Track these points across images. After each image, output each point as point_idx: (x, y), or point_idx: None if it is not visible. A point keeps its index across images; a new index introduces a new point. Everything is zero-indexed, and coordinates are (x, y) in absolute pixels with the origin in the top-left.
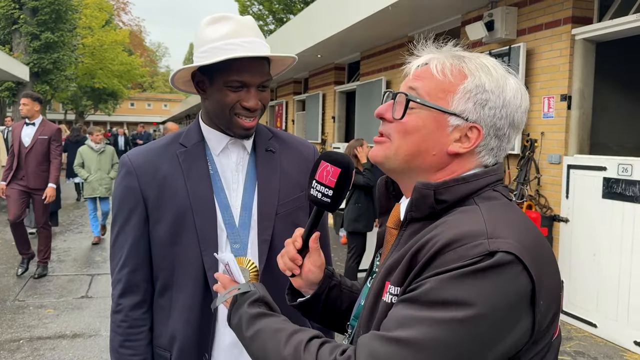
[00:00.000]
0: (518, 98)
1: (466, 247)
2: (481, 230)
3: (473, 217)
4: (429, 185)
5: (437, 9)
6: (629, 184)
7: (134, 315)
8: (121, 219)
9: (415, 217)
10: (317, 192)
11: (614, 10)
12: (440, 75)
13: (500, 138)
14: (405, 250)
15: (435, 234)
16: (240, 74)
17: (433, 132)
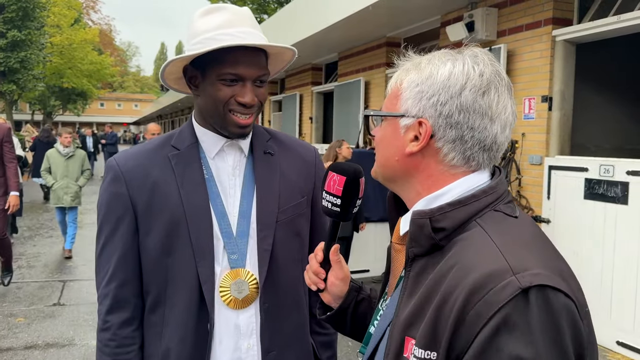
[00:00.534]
0: (456, 79)
1: (494, 291)
2: (503, 267)
3: (486, 249)
4: (422, 214)
5: (417, 10)
6: (610, 184)
7: (122, 333)
8: (108, 228)
9: (418, 253)
10: (327, 203)
11: (594, 12)
12: (392, 87)
13: (457, 127)
14: (422, 300)
15: (454, 284)
16: (234, 67)
17: (391, 138)
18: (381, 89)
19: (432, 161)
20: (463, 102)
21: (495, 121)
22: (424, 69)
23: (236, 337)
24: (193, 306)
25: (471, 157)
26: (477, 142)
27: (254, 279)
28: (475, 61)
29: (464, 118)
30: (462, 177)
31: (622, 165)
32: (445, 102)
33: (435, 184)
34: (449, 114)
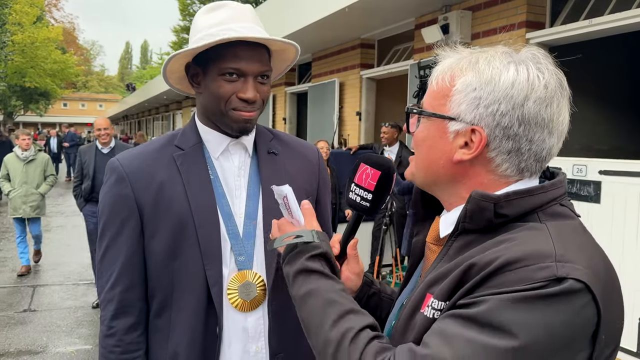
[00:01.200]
0: (520, 88)
1: (530, 268)
2: (549, 252)
3: (540, 236)
4: (488, 198)
5: (391, 12)
6: (583, 184)
7: (128, 339)
8: (111, 231)
9: (469, 228)
10: (356, 196)
11: (565, 15)
12: (439, 83)
13: (515, 138)
14: (455, 264)
15: (497, 251)
16: (236, 61)
17: (437, 141)
18: (356, 89)
19: (482, 170)
20: (525, 114)
21: (553, 133)
22: (483, 71)
23: (245, 340)
24: (201, 309)
25: (525, 168)
26: (533, 154)
27: (262, 280)
28: (539, 68)
29: (523, 130)
30: (513, 184)
31: (594, 165)
32: (506, 112)
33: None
34: (509, 126)
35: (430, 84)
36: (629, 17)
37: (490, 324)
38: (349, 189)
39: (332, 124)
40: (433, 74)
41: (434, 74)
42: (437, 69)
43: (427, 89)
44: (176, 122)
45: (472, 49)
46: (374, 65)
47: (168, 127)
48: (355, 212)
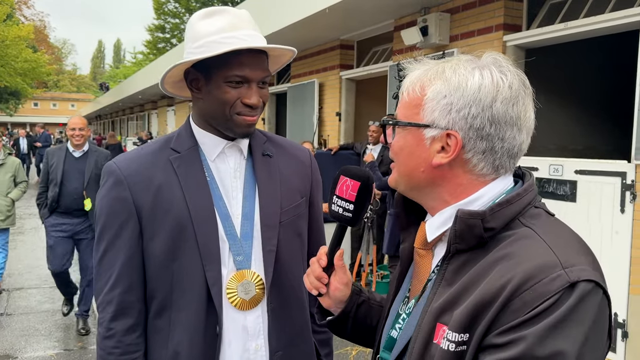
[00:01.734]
0: (487, 91)
1: (544, 282)
2: (554, 261)
3: (535, 244)
4: (475, 214)
5: (371, 14)
6: (559, 183)
7: (127, 340)
8: (110, 234)
9: (461, 248)
10: (338, 207)
11: (541, 18)
12: (410, 94)
13: (488, 138)
14: (460, 289)
15: (501, 274)
16: (241, 69)
17: (415, 149)
18: (335, 90)
19: (460, 171)
20: (495, 114)
21: (522, 130)
22: (450, 78)
23: (244, 339)
24: (201, 309)
25: (500, 165)
26: (506, 151)
27: (260, 279)
28: (501, 71)
29: (495, 130)
30: (491, 182)
31: (570, 165)
32: (477, 114)
33: (464, 191)
34: (481, 127)
35: (401, 95)
36: (603, 20)
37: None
38: (331, 201)
39: (312, 124)
40: (403, 86)
41: (403, 86)
42: (406, 81)
43: (399, 101)
44: (151, 122)
45: (436, 59)
46: (353, 66)
47: (143, 127)
48: (338, 223)
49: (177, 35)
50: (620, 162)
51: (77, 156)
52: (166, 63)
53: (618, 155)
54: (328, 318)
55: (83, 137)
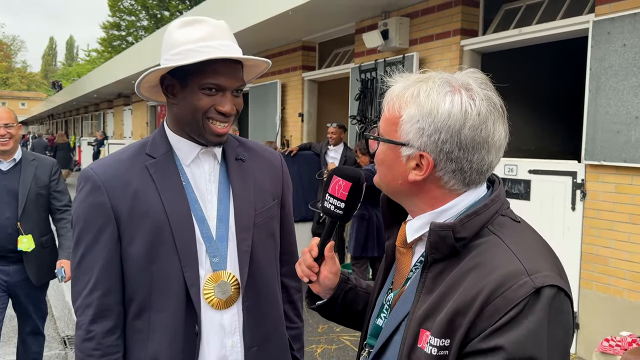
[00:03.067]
0: (456, 119)
1: (512, 289)
2: (519, 269)
3: (503, 253)
4: (445, 227)
5: (332, 16)
6: (514, 182)
7: (107, 342)
8: (88, 238)
9: (437, 258)
10: (330, 205)
11: (496, 24)
12: (389, 111)
13: (457, 160)
14: (439, 297)
15: (474, 283)
16: (216, 77)
17: (393, 163)
18: (298, 91)
19: (433, 187)
20: (462, 140)
21: (490, 150)
22: (423, 104)
23: (221, 336)
24: (180, 309)
25: (470, 181)
26: (475, 170)
27: (235, 279)
28: (471, 96)
29: (463, 154)
30: (463, 194)
31: (524, 165)
32: (446, 140)
33: (438, 202)
34: (450, 150)
35: (383, 109)
36: (555, 27)
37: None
38: (324, 198)
39: (275, 125)
40: (385, 99)
41: (385, 100)
42: (387, 95)
43: (382, 113)
44: (107, 121)
45: (418, 74)
46: (315, 67)
47: (99, 126)
48: (329, 219)
49: (133, 33)
50: (571, 162)
51: (4, 169)
52: (124, 62)
53: (567, 155)
54: (317, 303)
55: (12, 138)
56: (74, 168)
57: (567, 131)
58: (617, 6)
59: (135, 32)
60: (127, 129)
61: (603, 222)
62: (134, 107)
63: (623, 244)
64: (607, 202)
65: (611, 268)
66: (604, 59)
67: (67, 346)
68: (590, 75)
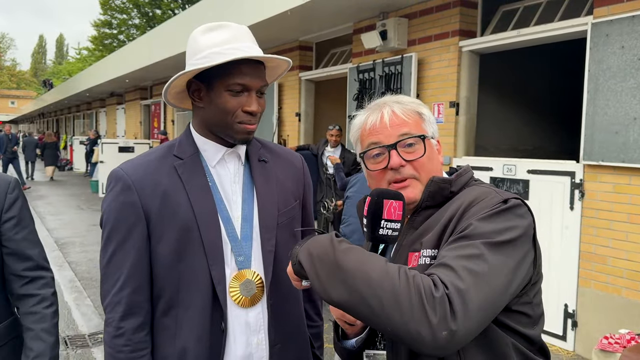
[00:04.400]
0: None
1: (485, 200)
2: (491, 190)
3: (478, 187)
4: (446, 180)
5: (331, 16)
6: (513, 182)
7: (136, 338)
8: (118, 236)
9: (429, 205)
10: (387, 230)
11: (494, 25)
12: (412, 116)
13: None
14: (424, 228)
15: (457, 204)
16: (241, 77)
17: (435, 154)
18: (294, 91)
19: None
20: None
21: None
22: (424, 107)
23: (247, 334)
24: (207, 307)
25: None
26: None
27: (260, 278)
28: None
29: None
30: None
31: (523, 165)
32: (436, 129)
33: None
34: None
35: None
36: (553, 29)
37: (485, 233)
38: (379, 226)
39: (272, 124)
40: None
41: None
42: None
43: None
44: (100, 120)
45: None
46: (312, 67)
47: (91, 125)
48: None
49: (125, 31)
50: (570, 162)
51: None
52: (118, 61)
53: (564, 156)
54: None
55: None
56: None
57: (564, 132)
58: (616, 8)
59: (126, 30)
60: (120, 128)
61: (601, 221)
62: (127, 106)
63: (621, 243)
64: (606, 201)
65: (609, 267)
66: (602, 60)
67: (68, 346)
68: (589, 77)
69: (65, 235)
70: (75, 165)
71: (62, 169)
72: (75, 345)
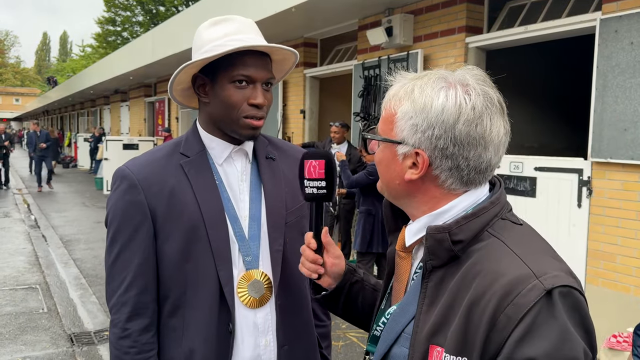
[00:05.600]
0: (449, 113)
1: (522, 295)
2: (527, 272)
3: (507, 257)
4: (441, 229)
5: (336, 13)
6: (520, 179)
7: (143, 339)
8: (124, 236)
9: (436, 265)
10: (312, 189)
11: (500, 22)
12: (386, 110)
13: (452, 157)
14: (445, 309)
15: (481, 291)
16: (245, 69)
17: (390, 163)
18: (299, 88)
19: (431, 186)
20: (457, 135)
21: (488, 147)
22: (417, 99)
23: (255, 335)
24: (214, 308)
25: (469, 181)
26: (472, 168)
27: (268, 278)
28: (466, 91)
29: (458, 150)
30: (463, 194)
31: (530, 162)
32: (440, 135)
33: (438, 203)
34: (444, 147)
35: (382, 109)
36: (561, 25)
37: None
38: (304, 185)
39: (276, 121)
40: (383, 101)
41: (384, 101)
42: (386, 96)
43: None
44: (104, 117)
45: (415, 73)
46: (316, 64)
47: (95, 122)
48: (314, 204)
49: (128, 28)
50: (577, 159)
51: None
52: (122, 58)
53: (570, 153)
54: (322, 292)
55: None
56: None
57: (571, 128)
58: (625, 4)
59: (130, 27)
60: (124, 125)
61: (609, 219)
62: (131, 104)
63: (630, 241)
64: (614, 199)
65: (618, 265)
66: (611, 57)
67: (74, 343)
68: (597, 73)
69: (70, 233)
70: (79, 162)
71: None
72: (81, 343)
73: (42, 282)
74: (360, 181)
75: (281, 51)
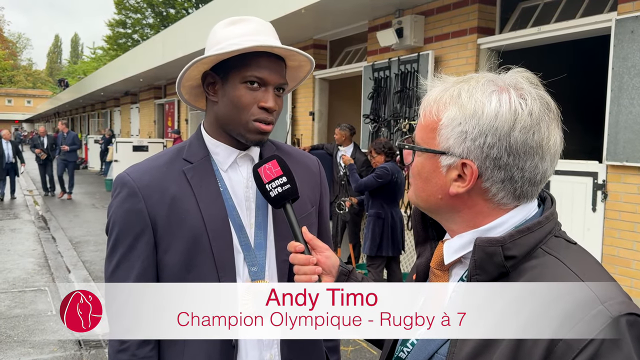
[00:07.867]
0: (504, 119)
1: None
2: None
3: (566, 277)
4: (493, 241)
5: (345, 14)
6: None
7: (141, 353)
8: (124, 246)
9: (482, 280)
10: (276, 189)
11: (513, 22)
12: (426, 117)
13: (506, 168)
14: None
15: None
16: (259, 70)
17: (431, 175)
18: (308, 90)
19: (479, 200)
20: (512, 144)
21: (545, 157)
22: (466, 104)
23: (259, 349)
24: None
25: (521, 194)
26: (527, 180)
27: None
28: (521, 95)
29: (513, 160)
30: (513, 209)
31: None
32: (494, 144)
33: (485, 218)
34: (498, 156)
35: (419, 117)
36: (575, 25)
37: None
38: (267, 192)
39: (285, 123)
40: (421, 106)
41: (422, 106)
42: (424, 101)
43: (417, 122)
44: (114, 119)
45: (457, 77)
46: (326, 66)
47: (105, 124)
48: (284, 204)
49: (139, 30)
50: (592, 162)
51: None
52: (132, 60)
53: (584, 156)
54: None
55: None
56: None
57: (584, 131)
58: None
59: (141, 29)
60: (134, 127)
61: (625, 223)
62: (141, 105)
63: None
64: (630, 203)
65: (633, 270)
66: (627, 58)
67: (82, 347)
68: (613, 75)
69: (79, 234)
70: (90, 164)
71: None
72: (89, 346)
73: (50, 284)
74: (369, 185)
75: (297, 57)
